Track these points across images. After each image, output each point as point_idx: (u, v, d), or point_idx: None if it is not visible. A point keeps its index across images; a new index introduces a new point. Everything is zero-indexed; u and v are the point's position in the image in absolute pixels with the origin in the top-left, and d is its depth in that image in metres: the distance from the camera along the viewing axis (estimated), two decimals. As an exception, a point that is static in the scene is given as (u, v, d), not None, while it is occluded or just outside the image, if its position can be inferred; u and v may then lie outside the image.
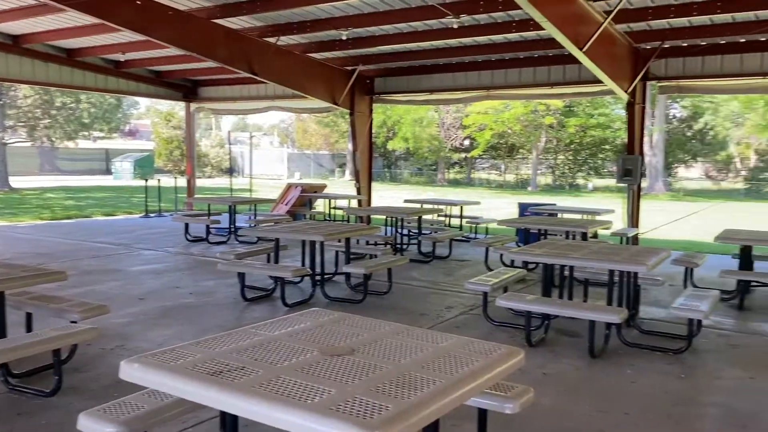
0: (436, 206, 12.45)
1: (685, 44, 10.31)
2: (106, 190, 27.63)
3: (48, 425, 3.83)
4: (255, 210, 13.58)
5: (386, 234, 11.00)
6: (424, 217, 11.39)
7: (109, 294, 7.33)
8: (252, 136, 37.74)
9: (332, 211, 14.79)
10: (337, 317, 2.98)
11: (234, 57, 10.56)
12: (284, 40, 11.37)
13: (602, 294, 6.13)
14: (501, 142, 39.54)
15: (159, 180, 17.57)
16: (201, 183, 23.99)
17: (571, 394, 4.55)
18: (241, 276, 7.13)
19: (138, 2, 8.58)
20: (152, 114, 47.46)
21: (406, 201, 13.57)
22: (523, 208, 12.36)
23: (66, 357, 4.55)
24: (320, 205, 16.39)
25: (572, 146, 39.13)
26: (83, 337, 4.33)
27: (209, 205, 13.01)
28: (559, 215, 11.13)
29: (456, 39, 10.82)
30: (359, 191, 14.22)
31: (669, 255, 6.06)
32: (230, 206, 12.11)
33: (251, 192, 19.72)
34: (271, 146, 54.36)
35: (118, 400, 2.73)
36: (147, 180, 17.43)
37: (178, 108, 32.75)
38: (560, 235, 9.31)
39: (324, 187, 16.39)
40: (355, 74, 13.17)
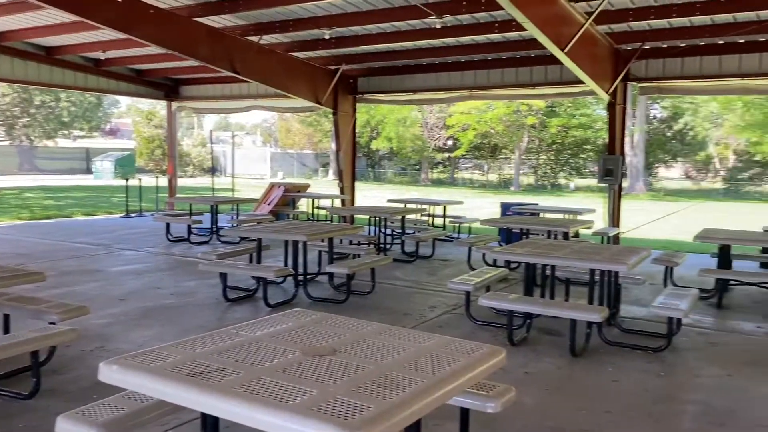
0: (420, 206, 12.49)
1: (665, 45, 10.43)
2: (87, 190, 27.30)
3: (26, 428, 3.77)
4: (237, 210, 13.49)
5: (370, 234, 10.99)
6: (408, 217, 11.41)
7: (89, 295, 7.24)
8: (234, 136, 37.57)
9: (315, 211, 14.76)
10: (319, 317, 2.97)
11: (216, 56, 10.51)
12: (267, 39, 11.33)
13: (583, 293, 6.17)
14: (484, 142, 39.72)
15: (140, 179, 17.40)
16: (182, 182, 23.79)
17: (553, 393, 4.57)
18: (223, 276, 7.09)
19: (118, 0, 8.50)
20: (133, 113, 47.04)
21: (390, 201, 13.57)
22: (506, 208, 12.42)
23: (44, 359, 4.49)
24: (303, 205, 16.35)
25: (554, 146, 39.43)
26: (62, 339, 4.27)
27: (191, 205, 12.90)
28: (541, 215, 11.20)
29: (439, 39, 10.85)
30: (343, 191, 14.20)
31: (649, 254, 6.12)
32: (212, 206, 12.03)
33: (233, 192, 19.61)
34: (254, 145, 54.14)
35: (97, 403, 2.69)
36: (128, 179, 17.25)
37: (160, 107, 32.54)
38: (542, 235, 9.38)
39: (307, 187, 16.35)
40: (339, 74, 13.15)
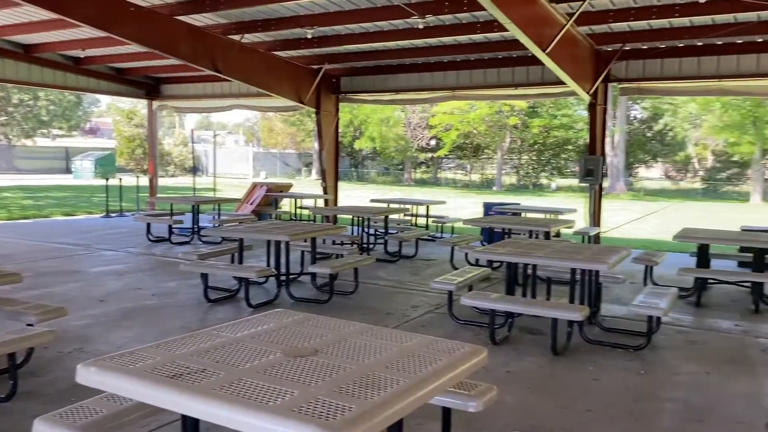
0: (403, 206, 12.50)
1: (645, 47, 10.54)
2: (66, 190, 26.98)
3: (2, 431, 3.72)
4: (219, 210, 13.41)
5: (353, 234, 10.98)
6: (391, 217, 11.41)
7: (68, 296, 7.16)
8: (216, 135, 37.30)
9: (298, 211, 14.71)
10: (301, 318, 2.95)
11: (197, 54, 10.43)
12: (249, 38, 11.27)
13: (565, 292, 6.21)
14: (466, 143, 39.87)
15: (120, 179, 17.24)
16: (164, 182, 23.59)
17: (535, 392, 4.60)
18: (204, 277, 7.04)
19: (98, -3, 8.42)
20: (114, 112, 46.52)
21: (373, 200, 13.56)
22: (488, 208, 12.47)
23: (22, 361, 4.43)
24: (286, 205, 16.29)
25: (536, 147, 39.69)
26: (40, 340, 4.22)
27: (172, 205, 12.79)
28: (523, 214, 11.27)
29: (422, 39, 10.87)
30: (326, 191, 14.17)
31: (629, 253, 6.18)
32: (193, 206, 11.94)
33: (215, 191, 19.48)
34: (236, 145, 53.84)
35: (75, 405, 2.66)
36: (108, 179, 17.08)
37: (141, 106, 32.25)
38: (524, 234, 9.44)
39: (290, 187, 16.29)
40: (321, 73, 13.12)
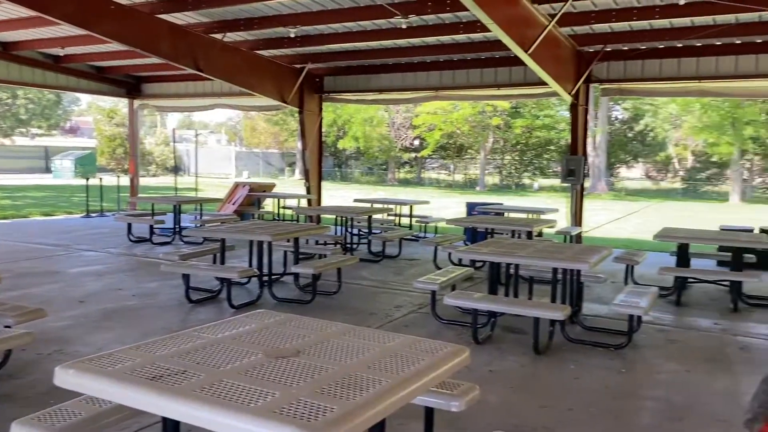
0: (386, 206, 12.50)
1: (626, 48, 10.63)
2: (46, 189, 26.62)
3: (-21, 435, 3.66)
4: (201, 210, 13.30)
5: (336, 233, 10.95)
6: (375, 217, 11.40)
7: (47, 297, 7.06)
8: (198, 134, 37.01)
9: (281, 211, 14.65)
10: (283, 318, 2.94)
11: (178, 53, 10.35)
12: (231, 37, 11.20)
13: (547, 291, 6.25)
14: (450, 143, 39.97)
15: (101, 179, 17.05)
16: (145, 182, 23.35)
17: (517, 391, 4.62)
18: (186, 277, 6.98)
19: (77, -6, 8.31)
20: (94, 111, 46.02)
21: (357, 200, 13.55)
22: (471, 208, 12.52)
23: (-1, 363, 4.37)
24: (269, 205, 16.21)
25: (518, 147, 39.89)
26: (17, 342, 4.17)
27: (153, 205, 12.68)
28: (506, 214, 11.32)
29: (405, 39, 10.88)
30: (309, 190, 14.13)
31: (610, 253, 6.24)
32: (175, 206, 11.83)
33: (197, 191, 19.34)
34: (219, 144, 53.47)
35: (54, 407, 2.62)
36: (88, 179, 16.88)
37: (122, 105, 31.95)
38: (506, 234, 9.48)
39: (273, 187, 16.21)
40: (304, 72, 13.08)
